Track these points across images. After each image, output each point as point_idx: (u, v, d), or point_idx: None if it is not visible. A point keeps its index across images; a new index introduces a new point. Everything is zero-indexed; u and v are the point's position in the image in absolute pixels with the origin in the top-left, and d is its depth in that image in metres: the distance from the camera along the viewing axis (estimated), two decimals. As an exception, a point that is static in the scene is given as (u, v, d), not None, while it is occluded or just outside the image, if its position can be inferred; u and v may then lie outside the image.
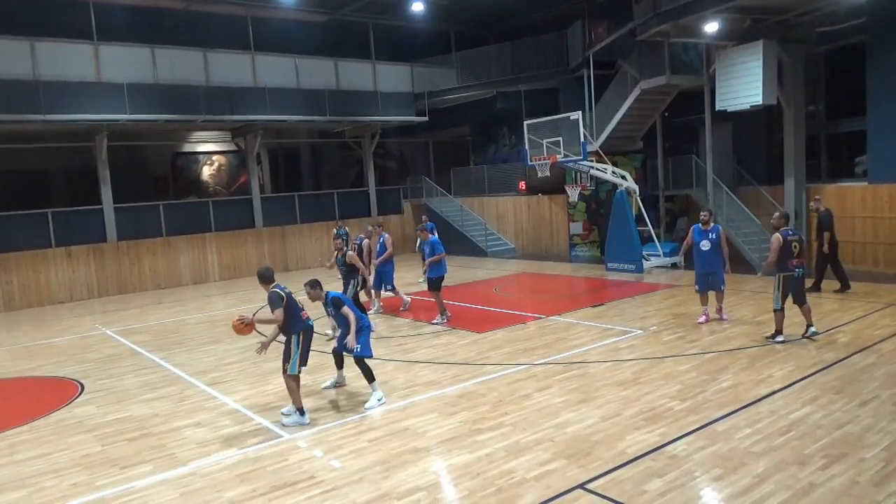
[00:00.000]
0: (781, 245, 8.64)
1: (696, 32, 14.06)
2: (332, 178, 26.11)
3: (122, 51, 17.32)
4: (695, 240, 10.37)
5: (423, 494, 5.19)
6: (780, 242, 8.65)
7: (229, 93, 18.66)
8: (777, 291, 8.85)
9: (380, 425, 6.75)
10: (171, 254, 19.05)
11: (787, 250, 8.67)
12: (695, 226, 10.54)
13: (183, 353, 10.65)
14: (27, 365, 10.56)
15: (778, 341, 8.85)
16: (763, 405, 6.64)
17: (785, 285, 8.78)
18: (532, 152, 16.84)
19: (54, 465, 6.26)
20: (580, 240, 19.77)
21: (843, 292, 11.87)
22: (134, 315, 14.71)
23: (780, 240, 8.66)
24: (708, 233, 10.24)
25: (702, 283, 10.34)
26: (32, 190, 19.67)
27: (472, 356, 9.23)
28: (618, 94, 17.95)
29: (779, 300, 8.85)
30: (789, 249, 8.67)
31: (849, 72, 15.15)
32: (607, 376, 7.89)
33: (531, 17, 22.60)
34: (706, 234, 10.24)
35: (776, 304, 8.91)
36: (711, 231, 10.24)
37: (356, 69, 21.52)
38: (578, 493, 5.05)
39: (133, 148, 21.07)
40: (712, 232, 10.23)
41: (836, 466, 5.22)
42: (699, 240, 10.30)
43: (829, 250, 11.95)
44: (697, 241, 10.32)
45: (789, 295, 8.85)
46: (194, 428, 7.04)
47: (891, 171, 13.79)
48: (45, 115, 15.82)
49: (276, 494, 5.34)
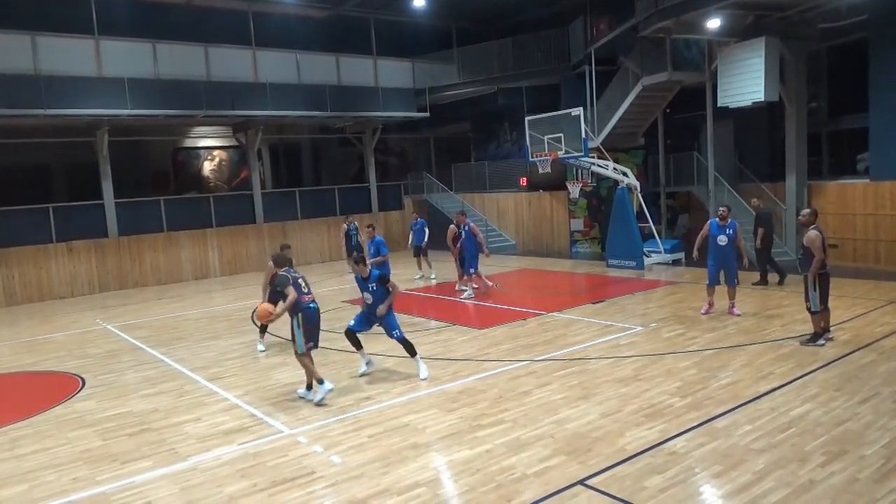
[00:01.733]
0: (823, 241, 8.30)
1: (699, 29, 14.02)
2: (332, 173, 26.09)
3: (123, 45, 17.30)
4: (711, 234, 10.50)
5: (423, 490, 5.19)
6: (821, 239, 8.30)
7: (230, 88, 18.63)
8: (814, 292, 8.36)
9: (380, 421, 6.75)
10: (171, 249, 19.05)
11: (824, 246, 8.32)
12: (712, 220, 10.70)
13: (183, 348, 10.66)
14: (28, 360, 10.57)
15: (819, 344, 8.41)
16: (763, 402, 6.64)
17: (822, 284, 8.36)
18: (533, 148, 16.82)
19: (55, 460, 6.28)
20: (581, 236, 19.77)
21: (782, 284, 12.67)
22: (135, 310, 14.73)
23: (820, 236, 8.30)
24: (725, 228, 10.40)
25: (713, 277, 10.51)
26: (33, 185, 19.63)
27: (473, 352, 9.23)
28: (619, 90, 17.91)
29: (816, 300, 8.38)
30: (825, 246, 8.35)
31: (851, 69, 15.11)
32: (608, 373, 7.90)
33: (533, 12, 22.53)
34: (723, 230, 10.42)
35: (814, 305, 8.41)
36: (729, 227, 10.40)
37: (357, 65, 21.47)
38: (578, 489, 5.06)
39: (134, 143, 21.06)
40: (729, 228, 10.39)
41: (836, 463, 5.22)
42: (717, 234, 10.44)
43: (761, 245, 12.73)
44: (715, 235, 10.46)
45: (828, 293, 8.46)
46: (195, 423, 7.05)
47: (893, 168, 13.78)
48: (46, 109, 15.79)
49: (276, 490, 5.35)
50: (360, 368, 8.48)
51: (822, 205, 15.16)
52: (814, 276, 8.34)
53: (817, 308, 8.40)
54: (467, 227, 13.52)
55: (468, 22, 23.72)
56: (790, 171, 15.17)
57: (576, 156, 15.93)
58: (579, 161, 16.34)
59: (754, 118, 16.84)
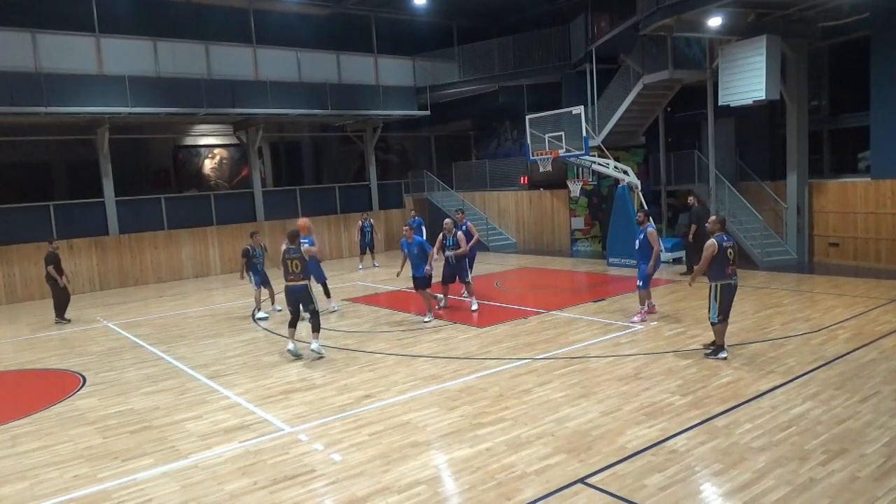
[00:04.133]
0: (716, 252, 7.91)
1: (700, 27, 14.00)
2: (333, 171, 26.08)
3: (123, 43, 17.29)
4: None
5: (424, 488, 5.20)
6: (715, 249, 7.91)
7: (231, 86, 18.63)
8: (714, 302, 8.03)
9: (380, 419, 6.75)
10: (172, 247, 19.07)
11: (723, 257, 7.93)
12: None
13: (184, 346, 10.67)
14: (29, 357, 10.59)
15: (721, 357, 8.09)
16: (764, 400, 6.64)
17: (723, 295, 8.02)
18: (534, 147, 16.81)
19: (56, 457, 6.29)
20: (582, 235, 19.76)
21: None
22: (135, 308, 14.74)
23: (716, 246, 7.92)
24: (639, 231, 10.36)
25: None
26: (34, 182, 19.66)
27: (474, 351, 9.24)
28: (620, 88, 17.89)
29: (716, 311, 8.05)
30: (725, 256, 7.93)
31: (852, 67, 15.09)
32: (608, 371, 7.90)
33: (534, 10, 22.53)
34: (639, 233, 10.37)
35: (713, 316, 8.09)
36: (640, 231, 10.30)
37: (358, 63, 21.46)
38: (578, 487, 5.06)
39: (135, 141, 21.07)
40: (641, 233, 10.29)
41: (836, 462, 5.22)
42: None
43: (693, 240, 13.28)
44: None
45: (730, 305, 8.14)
46: (195, 421, 7.06)
47: (894, 166, 13.77)
48: (47, 107, 15.80)
49: (276, 487, 5.35)
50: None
51: (822, 203, 15.18)
52: (716, 287, 8.02)
53: (716, 319, 8.08)
54: (465, 226, 12.87)
55: (469, 20, 23.71)
56: (791, 169, 15.16)
57: (576, 154, 15.92)
58: (580, 159, 16.33)
59: (755, 117, 16.82)
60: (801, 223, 15.26)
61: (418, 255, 11.10)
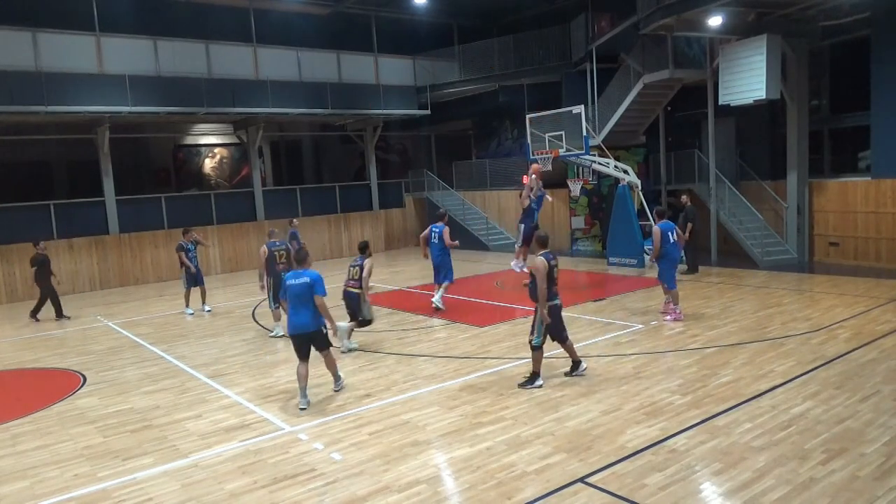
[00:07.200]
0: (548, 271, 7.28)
1: (700, 26, 13.99)
2: (333, 171, 26.08)
3: (124, 42, 17.28)
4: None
5: (424, 487, 5.20)
6: (546, 268, 7.27)
7: (231, 85, 18.62)
8: (540, 325, 7.35)
9: (380, 418, 6.76)
10: (172, 246, 18.90)
11: (550, 276, 7.29)
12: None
13: (184, 345, 10.67)
14: (29, 356, 10.59)
15: (537, 385, 7.34)
16: (764, 400, 6.64)
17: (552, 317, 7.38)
18: (534, 146, 16.80)
19: (56, 456, 6.29)
20: (582, 234, 19.76)
21: (690, 274, 14.18)
22: (135, 307, 14.74)
23: (546, 265, 7.29)
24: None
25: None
26: (34, 181, 19.66)
27: (474, 350, 9.24)
28: (621, 88, 17.88)
29: (541, 335, 7.37)
30: (552, 275, 7.33)
31: (853, 66, 15.08)
32: (608, 370, 7.90)
33: (534, 10, 22.52)
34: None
35: (537, 339, 7.37)
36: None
37: (358, 62, 21.45)
38: (578, 486, 5.06)
39: (135, 140, 21.07)
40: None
41: (836, 461, 5.22)
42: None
43: (689, 238, 13.38)
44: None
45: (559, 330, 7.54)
46: (196, 420, 7.06)
47: (894, 166, 13.76)
48: (47, 106, 15.79)
49: (276, 487, 5.36)
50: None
51: (823, 203, 15.17)
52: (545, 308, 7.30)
53: (539, 343, 7.39)
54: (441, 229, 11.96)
55: (469, 19, 23.70)
56: (791, 168, 15.16)
57: (577, 153, 15.91)
58: (580, 159, 16.32)
59: (756, 116, 16.82)
60: (801, 223, 15.25)
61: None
